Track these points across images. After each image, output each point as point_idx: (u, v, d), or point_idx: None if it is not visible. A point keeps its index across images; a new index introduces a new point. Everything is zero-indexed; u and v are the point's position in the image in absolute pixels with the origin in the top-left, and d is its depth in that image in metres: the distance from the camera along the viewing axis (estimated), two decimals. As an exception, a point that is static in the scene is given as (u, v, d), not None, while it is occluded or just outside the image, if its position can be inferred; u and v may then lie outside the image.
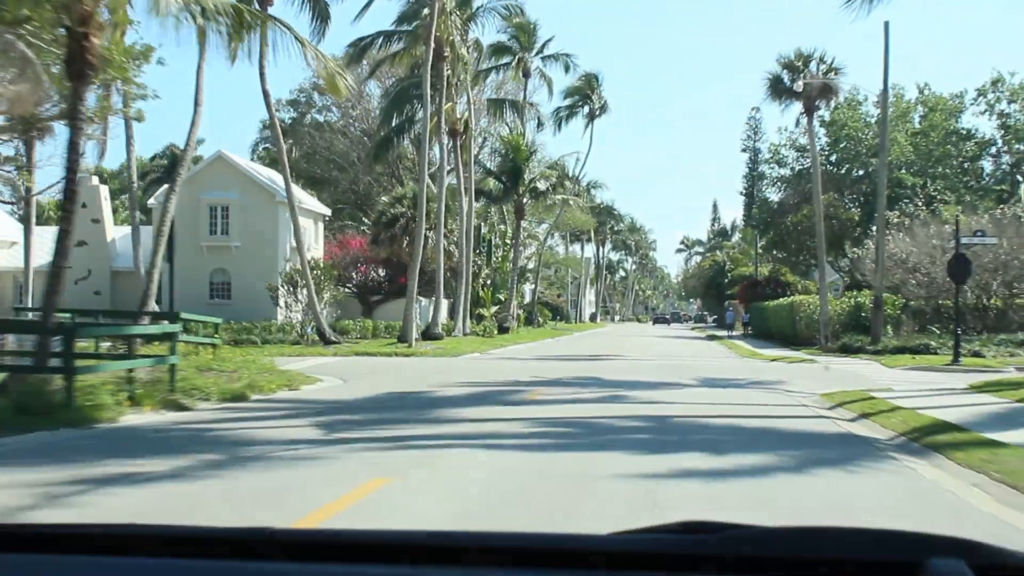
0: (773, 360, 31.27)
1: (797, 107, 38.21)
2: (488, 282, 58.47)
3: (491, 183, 52.15)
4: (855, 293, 37.99)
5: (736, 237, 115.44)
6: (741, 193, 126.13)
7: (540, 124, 56.92)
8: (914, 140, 58.35)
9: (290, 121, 69.44)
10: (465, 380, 20.43)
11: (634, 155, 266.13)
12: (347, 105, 65.97)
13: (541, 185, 52.82)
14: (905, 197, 54.37)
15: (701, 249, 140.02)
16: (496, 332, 50.36)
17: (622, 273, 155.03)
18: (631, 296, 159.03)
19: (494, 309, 53.17)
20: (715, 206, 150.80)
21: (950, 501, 7.83)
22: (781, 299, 48.85)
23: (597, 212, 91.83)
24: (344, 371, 22.97)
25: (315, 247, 48.25)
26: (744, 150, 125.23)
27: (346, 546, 1.85)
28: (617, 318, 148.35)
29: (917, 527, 1.80)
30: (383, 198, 48.87)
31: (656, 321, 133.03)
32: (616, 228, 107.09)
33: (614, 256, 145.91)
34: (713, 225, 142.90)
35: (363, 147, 64.72)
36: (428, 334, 38.91)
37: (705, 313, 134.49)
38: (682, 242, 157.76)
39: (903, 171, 56.33)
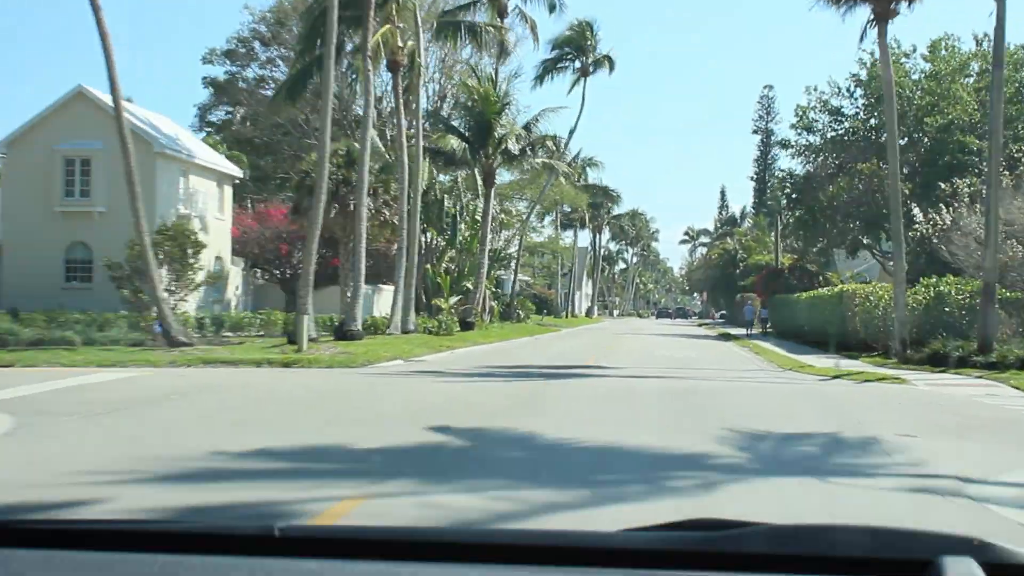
0: (834, 377, 20.61)
1: (863, 13, 27.13)
2: (453, 267, 47.77)
3: (451, 142, 41.47)
4: (934, 280, 27.23)
5: (746, 225, 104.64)
6: (751, 178, 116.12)
7: (517, 73, 45.90)
8: (981, 97, 47.45)
9: (226, 76, 58.77)
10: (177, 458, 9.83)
11: (634, 140, 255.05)
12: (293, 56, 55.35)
13: (514, 145, 42.00)
14: (971, 165, 43.56)
15: (707, 239, 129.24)
16: (457, 328, 39.76)
17: (622, 265, 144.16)
18: (631, 290, 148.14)
19: (454, 300, 42.47)
20: (723, 193, 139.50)
21: None
22: (819, 290, 38.02)
23: (592, 192, 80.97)
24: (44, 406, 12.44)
25: (219, 216, 37.55)
26: (755, 131, 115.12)
27: (354, 542, 1.84)
28: (616, 313, 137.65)
29: None
30: (312, 156, 38.07)
31: (659, 315, 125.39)
32: (613, 212, 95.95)
33: (613, 246, 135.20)
34: (721, 213, 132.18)
35: (313, 108, 54.01)
36: (343, 332, 28.28)
37: (711, 309, 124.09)
38: (686, 232, 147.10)
39: (968, 135, 45.47)
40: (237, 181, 40.66)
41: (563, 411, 13.02)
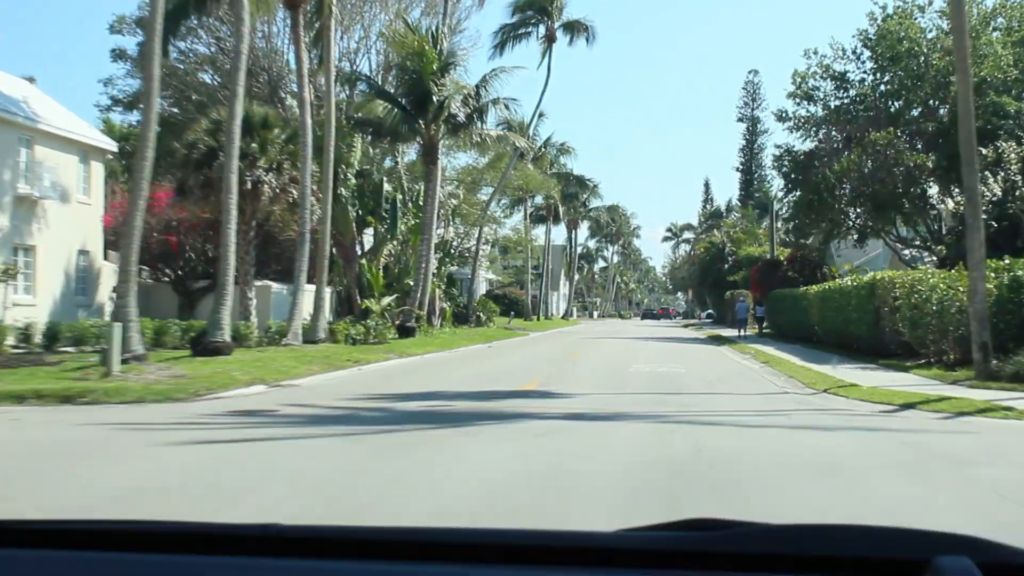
0: (903, 407, 13.26)
1: None
2: (393, 262, 40.31)
3: (379, 108, 33.99)
4: (1007, 263, 19.86)
5: (733, 217, 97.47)
6: (737, 169, 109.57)
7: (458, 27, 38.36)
8: (1017, 51, 40.28)
9: (138, 48, 50.92)
10: None
11: (611, 135, 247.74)
12: (217, 25, 47.76)
13: (460, 110, 34.43)
14: (1007, 129, 36.43)
15: (692, 235, 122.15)
16: (393, 335, 32.33)
17: (602, 263, 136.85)
18: (612, 290, 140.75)
19: (387, 301, 34.96)
20: (707, 185, 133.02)
21: None
22: (837, 282, 30.72)
23: (565, 182, 73.63)
24: None
25: (84, 200, 29.87)
26: (741, 119, 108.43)
27: (352, 542, 1.83)
28: (596, 314, 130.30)
29: None
30: (202, 124, 30.34)
31: (645, 316, 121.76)
32: (589, 204, 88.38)
33: (592, 244, 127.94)
34: (705, 207, 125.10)
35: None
36: (203, 345, 20.74)
37: (696, 308, 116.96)
38: (668, 229, 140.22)
39: (1004, 95, 38.31)
40: (111, 156, 32.95)
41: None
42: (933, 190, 42.46)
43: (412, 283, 39.02)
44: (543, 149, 67.66)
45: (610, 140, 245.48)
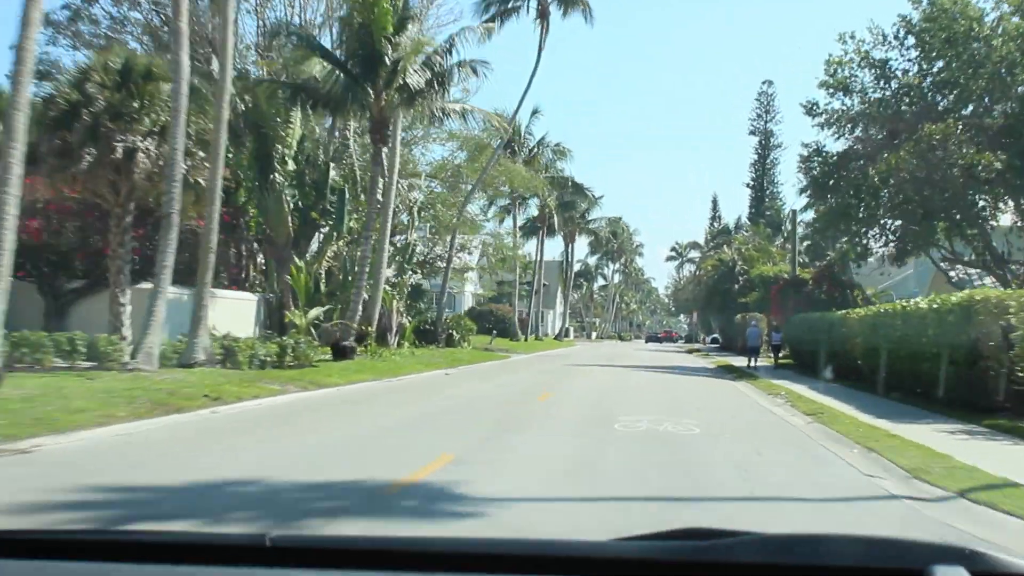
0: None
1: None
2: (340, 267, 33.22)
3: (315, 66, 26.99)
4: None
5: (744, 235, 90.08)
6: (748, 185, 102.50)
7: None
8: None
9: (68, 15, 44.01)
10: None
11: (611, 147, 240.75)
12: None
13: (417, 75, 27.28)
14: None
15: (698, 254, 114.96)
16: (321, 356, 25.34)
17: (601, 281, 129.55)
18: (612, 310, 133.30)
19: (315, 313, 27.89)
20: (715, 202, 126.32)
21: None
22: (909, 304, 23.33)
23: (561, 188, 66.47)
24: None
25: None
26: (753, 132, 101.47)
27: (346, 552, 1.82)
28: (595, 335, 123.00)
29: None
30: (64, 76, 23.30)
31: (649, 340, 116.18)
32: (589, 216, 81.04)
33: (592, 261, 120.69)
34: (713, 224, 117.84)
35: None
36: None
37: (700, 332, 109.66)
38: (673, 248, 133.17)
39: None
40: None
41: None
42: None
43: (366, 294, 31.98)
44: (537, 150, 60.69)
45: (610, 156, 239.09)
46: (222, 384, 16.94)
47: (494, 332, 53.60)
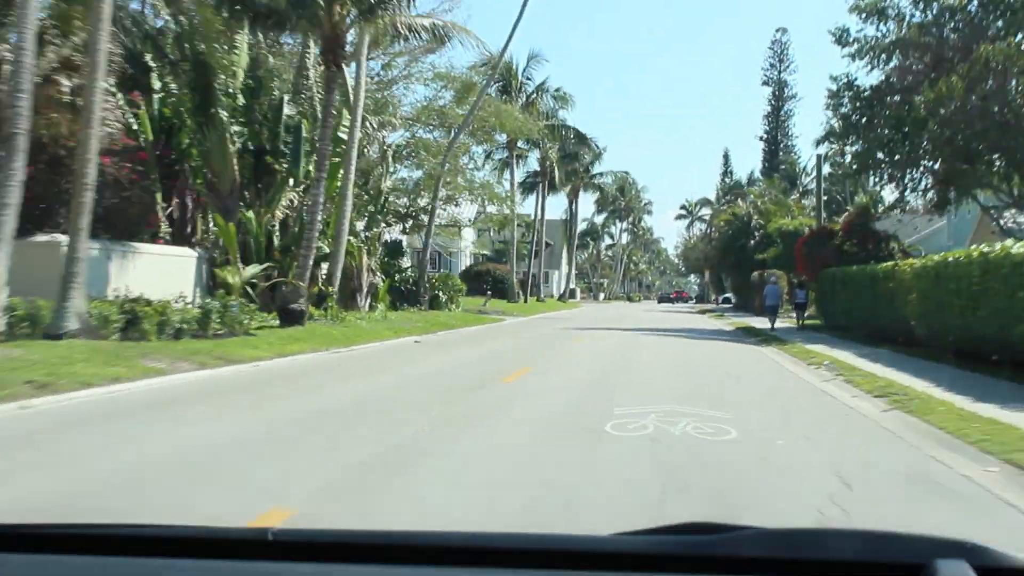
0: None
1: None
2: (295, 217, 28.60)
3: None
4: None
5: (759, 188, 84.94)
6: (761, 138, 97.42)
7: None
8: None
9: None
10: None
11: (619, 112, 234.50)
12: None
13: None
14: None
15: (709, 211, 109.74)
16: (265, 323, 20.96)
17: (609, 240, 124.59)
18: (620, 270, 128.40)
19: (251, 271, 23.37)
20: (726, 157, 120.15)
21: None
22: (979, 249, 18.45)
23: (563, 138, 61.48)
24: None
25: None
26: (766, 82, 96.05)
27: (348, 546, 1.81)
28: (603, 296, 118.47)
29: None
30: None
31: (662, 300, 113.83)
32: (592, 170, 75.81)
33: (599, 220, 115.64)
34: (724, 180, 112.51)
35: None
36: None
37: (711, 291, 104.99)
38: (682, 207, 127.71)
39: None
40: None
41: None
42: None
43: (325, 247, 27.51)
44: (536, 95, 55.65)
45: (616, 115, 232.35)
46: (76, 363, 12.39)
47: (488, 293, 48.95)
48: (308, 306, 23.47)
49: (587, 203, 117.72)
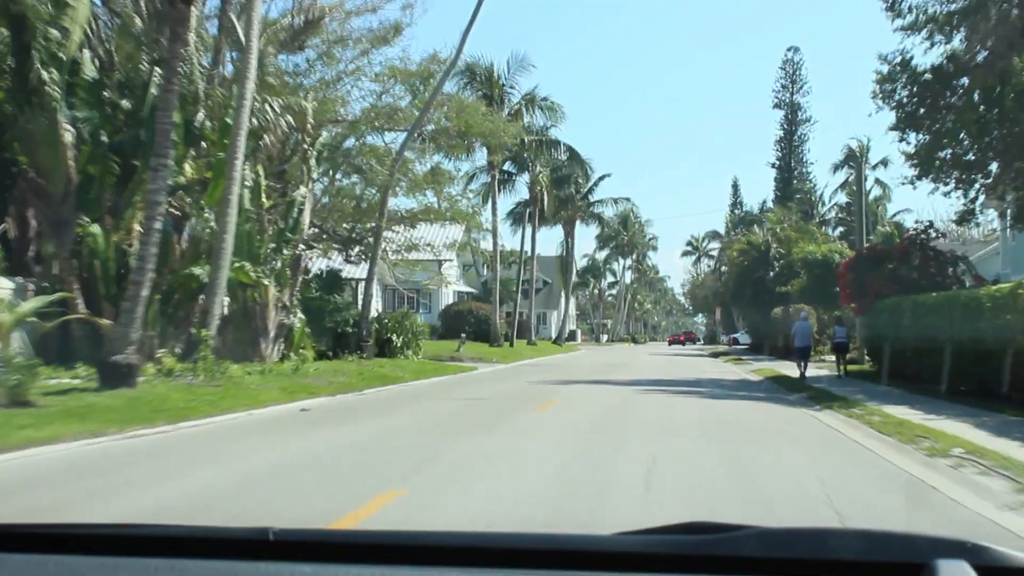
0: None
1: None
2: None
3: None
4: None
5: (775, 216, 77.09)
6: (773, 165, 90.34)
7: None
8: None
9: None
10: None
11: (618, 139, 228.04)
12: None
13: None
14: None
15: (717, 244, 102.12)
16: (88, 381, 13.15)
17: (611, 278, 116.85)
18: (624, 310, 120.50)
19: (31, 306, 15.62)
20: (735, 186, 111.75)
21: None
22: None
23: (551, 155, 54.10)
24: None
25: None
26: (777, 105, 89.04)
27: (349, 546, 1.81)
28: (605, 338, 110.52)
29: None
30: None
31: (673, 342, 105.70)
32: (589, 197, 67.92)
33: (600, 256, 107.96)
34: (734, 211, 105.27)
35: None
36: None
37: (721, 331, 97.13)
38: (689, 242, 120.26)
39: None
40: None
41: None
42: None
43: (199, 272, 19.92)
44: (522, 106, 48.27)
45: (617, 149, 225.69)
46: None
47: (463, 336, 41.10)
48: (144, 358, 15.79)
49: (587, 238, 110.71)
